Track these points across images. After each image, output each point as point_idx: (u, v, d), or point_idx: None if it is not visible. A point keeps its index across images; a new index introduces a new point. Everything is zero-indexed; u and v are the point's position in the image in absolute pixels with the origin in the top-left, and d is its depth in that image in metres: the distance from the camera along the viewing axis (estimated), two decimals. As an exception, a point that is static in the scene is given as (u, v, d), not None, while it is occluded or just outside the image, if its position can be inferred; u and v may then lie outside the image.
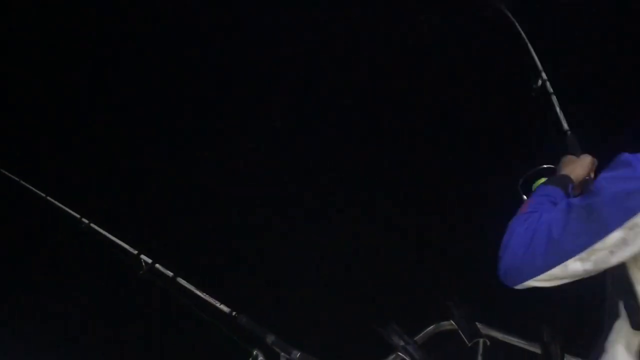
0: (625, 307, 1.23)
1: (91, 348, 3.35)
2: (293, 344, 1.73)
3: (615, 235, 1.13)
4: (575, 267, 1.18)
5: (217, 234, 4.10)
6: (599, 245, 1.15)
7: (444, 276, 3.57)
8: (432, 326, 2.10)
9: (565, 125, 2.09)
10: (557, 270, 1.19)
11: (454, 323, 2.05)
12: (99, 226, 2.29)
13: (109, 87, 4.95)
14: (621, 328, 1.28)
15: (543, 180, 1.57)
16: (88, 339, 3.42)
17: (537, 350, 1.98)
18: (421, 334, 2.07)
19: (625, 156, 1.17)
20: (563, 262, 1.18)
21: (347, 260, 3.92)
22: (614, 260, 1.16)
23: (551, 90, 2.26)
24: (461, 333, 2.02)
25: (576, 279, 1.22)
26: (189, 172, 4.62)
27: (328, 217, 4.27)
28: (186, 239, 3.98)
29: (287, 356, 1.70)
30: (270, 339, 1.75)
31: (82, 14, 5.03)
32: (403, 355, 1.88)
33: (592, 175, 1.58)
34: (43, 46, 5.02)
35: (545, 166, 1.68)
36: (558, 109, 2.18)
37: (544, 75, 2.29)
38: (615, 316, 1.28)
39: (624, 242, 1.13)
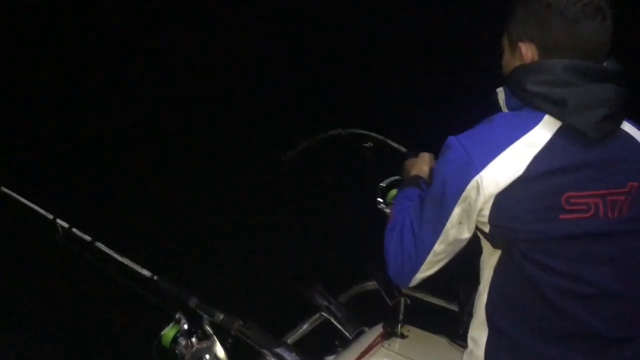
0: None
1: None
2: (217, 307, 1.71)
3: (456, 211, 1.21)
4: (441, 249, 1.27)
5: (137, 197, 4.00)
6: (448, 224, 1.23)
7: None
8: (355, 287, 2.14)
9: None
10: (430, 258, 1.29)
11: (376, 283, 2.10)
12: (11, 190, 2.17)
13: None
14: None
15: (395, 190, 1.66)
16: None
17: (455, 308, 2.05)
18: (344, 294, 2.10)
19: (449, 140, 1.25)
20: (430, 250, 1.27)
21: (269, 223, 3.90)
22: (466, 234, 1.25)
23: None
24: (383, 293, 2.07)
25: (451, 257, 1.32)
26: (103, 131, 4.47)
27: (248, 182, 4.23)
28: (105, 204, 3.86)
29: (211, 318, 1.68)
30: (193, 302, 1.72)
31: None
32: (326, 315, 1.91)
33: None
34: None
35: (392, 178, 1.74)
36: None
37: None
38: None
39: (465, 213, 1.21)
